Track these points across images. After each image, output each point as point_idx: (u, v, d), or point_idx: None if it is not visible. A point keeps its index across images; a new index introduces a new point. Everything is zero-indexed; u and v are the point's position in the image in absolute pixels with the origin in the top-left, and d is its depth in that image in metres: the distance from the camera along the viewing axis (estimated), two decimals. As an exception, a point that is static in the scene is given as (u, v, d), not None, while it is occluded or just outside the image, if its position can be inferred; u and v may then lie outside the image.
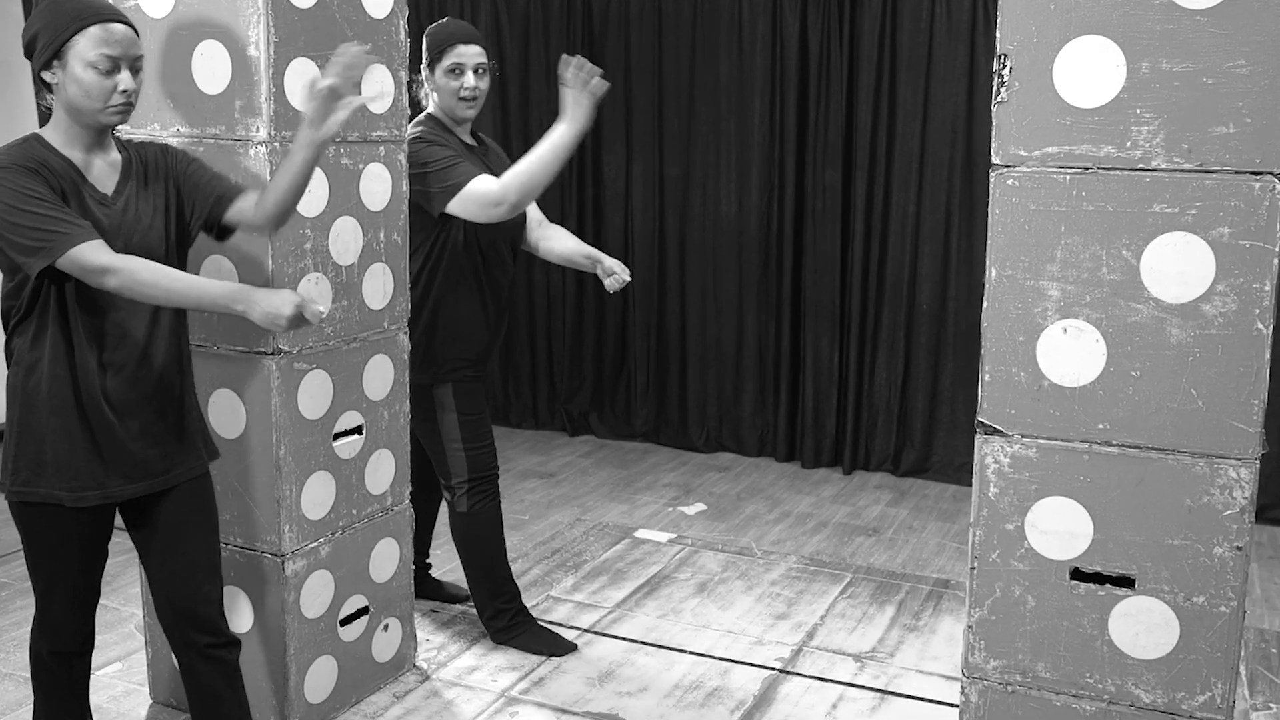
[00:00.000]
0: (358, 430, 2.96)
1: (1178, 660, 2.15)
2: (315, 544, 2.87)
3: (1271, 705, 3.19)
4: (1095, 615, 2.19)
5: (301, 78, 2.67)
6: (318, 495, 2.86)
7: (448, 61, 3.12)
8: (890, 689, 3.23)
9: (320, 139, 2.30)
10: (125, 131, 2.77)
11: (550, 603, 3.72)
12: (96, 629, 2.45)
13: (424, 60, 3.18)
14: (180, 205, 2.36)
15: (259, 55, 2.58)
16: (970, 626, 2.28)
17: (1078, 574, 2.20)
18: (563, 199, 5.53)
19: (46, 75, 2.17)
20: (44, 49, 2.15)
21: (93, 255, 2.11)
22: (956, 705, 2.32)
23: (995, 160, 2.15)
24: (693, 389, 5.52)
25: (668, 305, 5.51)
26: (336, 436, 2.90)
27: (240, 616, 2.84)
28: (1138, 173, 2.07)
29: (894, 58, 4.94)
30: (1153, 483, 2.12)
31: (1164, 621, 2.14)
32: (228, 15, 2.59)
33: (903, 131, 4.97)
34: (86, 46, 2.14)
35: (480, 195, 3.00)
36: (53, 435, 2.23)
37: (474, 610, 3.57)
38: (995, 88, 2.13)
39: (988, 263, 2.18)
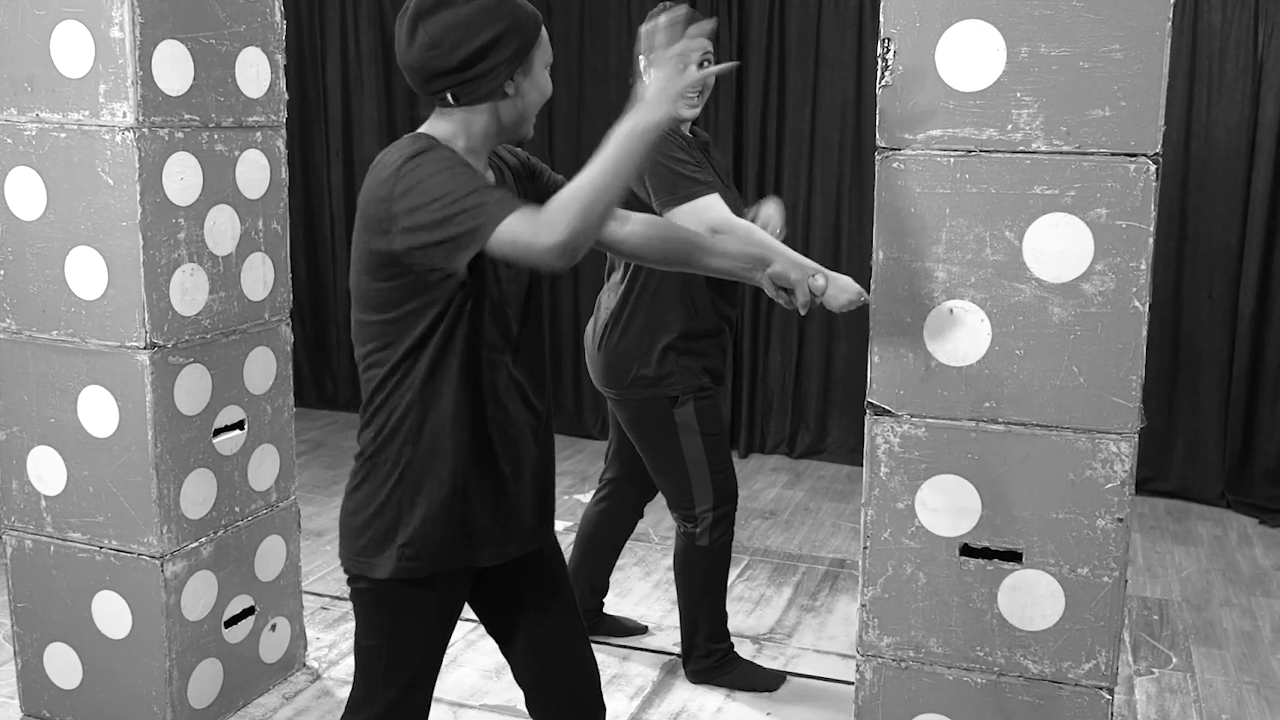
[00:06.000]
0: (239, 425, 2.86)
1: (1064, 630, 2.20)
2: (196, 544, 2.76)
3: (1154, 670, 3.31)
4: (985, 590, 2.23)
5: (170, 60, 2.55)
6: (198, 493, 2.75)
7: None
8: (789, 669, 3.25)
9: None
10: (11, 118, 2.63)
11: (446, 596, 3.66)
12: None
13: (640, 51, 2.87)
14: None
15: (124, 36, 2.46)
16: (864, 605, 2.30)
17: (967, 550, 2.23)
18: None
19: (508, 86, 1.86)
20: (516, 54, 1.85)
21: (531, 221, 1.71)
22: (853, 683, 2.34)
23: (880, 143, 2.16)
24: (586, 376, 5.48)
25: (560, 292, 5.46)
26: (217, 432, 2.80)
27: (118, 622, 2.72)
28: (1019, 155, 2.10)
29: (783, 42, 4.97)
30: (1038, 458, 2.16)
31: (1050, 593, 2.19)
32: (89, -7, 2.46)
33: (792, 116, 5.00)
34: (546, 47, 1.92)
35: (708, 216, 2.73)
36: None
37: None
38: (879, 72, 2.14)
39: (874, 245, 2.19)
